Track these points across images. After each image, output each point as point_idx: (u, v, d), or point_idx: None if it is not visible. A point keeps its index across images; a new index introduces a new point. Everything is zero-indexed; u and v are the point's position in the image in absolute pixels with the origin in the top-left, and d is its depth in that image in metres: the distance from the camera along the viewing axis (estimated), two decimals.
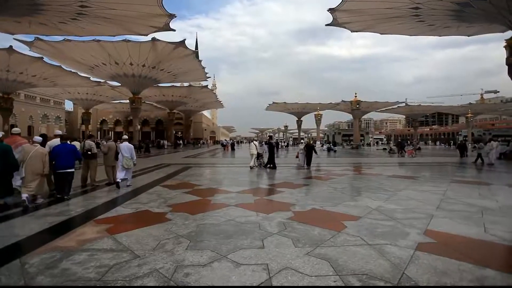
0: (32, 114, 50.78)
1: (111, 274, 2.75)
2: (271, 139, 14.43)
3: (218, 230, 4.08)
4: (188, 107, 53.64)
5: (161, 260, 3.07)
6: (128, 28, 23.55)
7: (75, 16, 20.50)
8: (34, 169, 5.65)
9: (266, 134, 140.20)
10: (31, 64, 29.73)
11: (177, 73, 34.47)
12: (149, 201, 5.90)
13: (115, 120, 64.74)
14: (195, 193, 6.86)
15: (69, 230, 4.08)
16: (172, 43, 27.27)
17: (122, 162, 7.59)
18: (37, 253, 3.27)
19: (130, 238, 3.73)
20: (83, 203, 5.83)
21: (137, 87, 33.58)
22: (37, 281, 2.62)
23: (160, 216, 4.79)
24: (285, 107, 60.62)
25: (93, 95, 43.87)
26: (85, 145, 7.56)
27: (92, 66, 30.61)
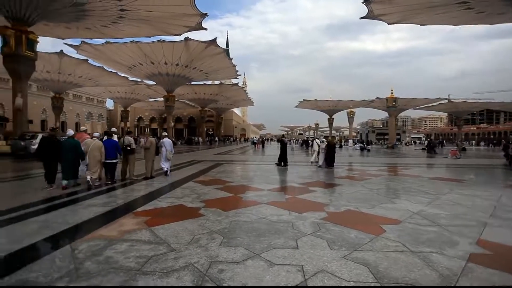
0: (78, 112, 55.30)
1: (149, 265, 2.85)
2: (283, 137, 14.47)
3: (250, 228, 4.07)
4: (219, 105, 54.75)
5: (195, 254, 3.12)
6: (163, 28, 24.53)
7: (115, 19, 21.78)
8: (95, 158, 7.10)
9: (297, 132, 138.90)
10: (78, 66, 32.35)
11: (208, 71, 35.29)
12: (183, 196, 6.08)
13: (150, 117, 68.15)
14: (227, 190, 6.94)
15: (111, 221, 4.32)
16: (204, 42, 27.95)
17: (166, 154, 8.92)
18: (84, 240, 3.51)
19: (167, 231, 3.86)
20: (123, 196, 6.17)
21: (171, 85, 35.00)
22: (85, 266, 2.80)
23: (194, 211, 4.91)
24: (316, 104, 59.38)
25: (131, 93, 46.55)
26: (124, 140, 8.01)
27: (130, 66, 32.44)
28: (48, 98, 40.01)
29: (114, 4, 19.22)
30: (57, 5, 17.67)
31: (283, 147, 13.11)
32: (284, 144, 13.26)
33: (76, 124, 54.12)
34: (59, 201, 5.64)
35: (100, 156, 7.13)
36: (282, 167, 12.31)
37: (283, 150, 12.97)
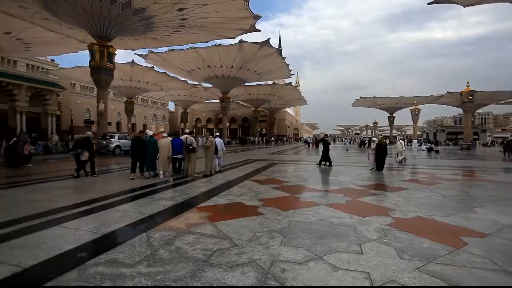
0: (145, 114, 61.61)
1: (214, 258, 3.01)
2: (326, 137, 14.13)
3: (310, 229, 3.99)
4: (272, 105, 55.15)
5: (257, 252, 3.19)
6: (219, 33, 25.69)
7: (177, 28, 23.60)
8: (165, 154, 8.62)
9: (353, 132, 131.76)
10: (146, 73, 36.04)
11: (262, 72, 35.83)
12: (241, 194, 6.28)
13: (207, 118, 72.22)
14: (283, 189, 6.95)
15: (178, 214, 4.70)
16: (257, 43, 28.45)
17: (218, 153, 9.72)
18: (157, 229, 3.89)
19: (228, 227, 4.03)
20: (186, 191, 6.65)
21: (226, 87, 36.55)
22: (159, 253, 3.10)
23: (253, 209, 5.02)
24: (375, 102, 55.46)
25: (189, 96, 50.01)
26: (187, 140, 8.65)
27: (190, 71, 34.85)
28: (121, 102, 45.56)
29: (176, 14, 20.87)
30: (131, 20, 19.97)
31: (325, 147, 12.96)
32: (327, 144, 13.08)
33: (143, 125, 60.43)
34: (134, 193, 6.37)
35: (168, 152, 8.56)
36: (327, 167, 12.20)
37: (326, 150, 12.82)
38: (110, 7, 17.77)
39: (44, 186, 7.29)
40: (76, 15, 18.38)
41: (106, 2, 17.42)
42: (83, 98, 46.01)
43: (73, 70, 36.03)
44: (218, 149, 9.64)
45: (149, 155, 8.54)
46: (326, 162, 12.55)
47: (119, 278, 2.56)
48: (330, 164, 12.41)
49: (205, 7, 19.59)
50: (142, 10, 18.83)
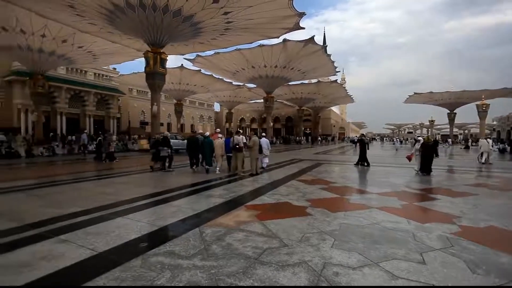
0: (193, 115, 65.07)
1: (265, 256, 3.03)
2: (363, 136, 13.81)
3: (363, 233, 3.79)
4: (317, 104, 53.82)
5: (308, 253, 3.12)
6: (262, 33, 25.86)
7: (223, 31, 24.37)
8: (218, 152, 9.60)
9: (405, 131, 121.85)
10: (193, 76, 38.01)
11: (306, 70, 35.18)
12: (288, 194, 6.24)
13: (251, 118, 73.41)
14: (331, 190, 6.72)
15: (227, 211, 4.84)
16: (301, 41, 27.99)
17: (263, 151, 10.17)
18: (208, 225, 4.05)
19: (277, 226, 4.02)
20: (234, 189, 6.83)
21: (270, 87, 36.70)
22: (212, 248, 3.22)
23: (301, 210, 4.95)
24: (431, 98, 50.53)
25: (234, 97, 51.37)
26: (234, 139, 8.90)
27: (234, 72, 35.78)
28: (171, 104, 48.85)
29: (222, 18, 21.61)
30: (181, 27, 21.26)
31: (362, 147, 12.67)
32: (364, 144, 12.73)
33: (191, 126, 63.88)
34: (185, 190, 6.76)
35: (221, 151, 9.56)
36: (366, 167, 11.96)
37: (363, 150, 12.56)
38: (162, 17, 19.14)
39: (127, 179, 8.44)
40: (134, 27, 20.19)
41: (159, 13, 18.80)
42: (139, 102, 50.39)
43: (130, 76, 39.75)
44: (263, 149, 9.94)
45: (206, 153, 9.77)
46: (364, 163, 12.35)
47: (177, 269, 2.73)
48: (368, 165, 12.18)
49: (249, 8, 19.91)
50: (190, 16, 19.90)
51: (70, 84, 35.72)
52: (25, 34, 22.49)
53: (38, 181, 8.23)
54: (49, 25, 21.71)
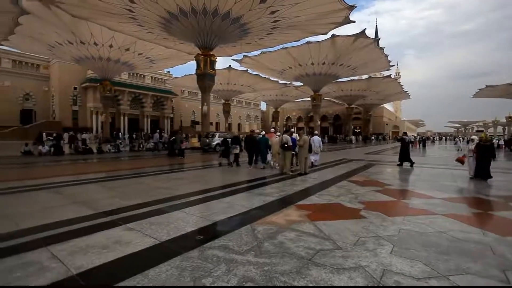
0: (240, 114, 66.76)
1: (318, 258, 2.96)
2: (405, 135, 12.93)
3: (427, 241, 3.45)
4: (368, 101, 50.82)
5: (364, 258, 2.96)
6: (310, 30, 25.25)
7: (269, 31, 24.44)
8: (275, 150, 9.88)
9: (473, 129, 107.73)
10: (240, 76, 38.94)
11: (356, 66, 33.42)
12: (339, 195, 6.00)
13: (297, 116, 72.56)
14: (387, 193, 6.27)
15: (277, 210, 4.85)
16: (351, 35, 26.63)
17: (314, 149, 10.56)
18: (259, 223, 4.11)
19: (329, 227, 3.89)
20: (283, 188, 6.81)
21: (317, 84, 35.75)
22: (265, 246, 3.26)
23: (354, 212, 4.72)
24: (509, 91, 43.64)
25: (281, 95, 51.26)
26: (282, 138, 8.86)
27: (281, 71, 35.64)
28: (219, 104, 50.81)
29: (269, 17, 21.69)
30: (229, 29, 21.95)
31: (403, 146, 12.16)
32: (405, 143, 12.19)
33: (238, 125, 65.60)
34: (235, 187, 6.95)
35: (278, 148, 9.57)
36: (410, 167, 11.43)
37: (404, 150, 12.07)
38: (212, 20, 19.98)
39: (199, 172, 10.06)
40: (186, 32, 21.47)
41: (209, 17, 19.66)
42: (190, 102, 53.52)
43: (182, 78, 42.41)
44: (312, 148, 9.97)
45: (262, 151, 10.48)
46: (407, 162, 11.85)
47: (231, 263, 2.82)
48: (411, 165, 11.69)
49: (296, 6, 19.63)
50: (238, 18, 20.40)
51: (131, 88, 39.58)
52: (97, 46, 25.59)
53: (109, 174, 9.30)
54: (115, 37, 24.35)
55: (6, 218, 4.25)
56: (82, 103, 37.63)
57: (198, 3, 18.36)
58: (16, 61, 35.37)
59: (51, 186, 6.90)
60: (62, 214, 4.45)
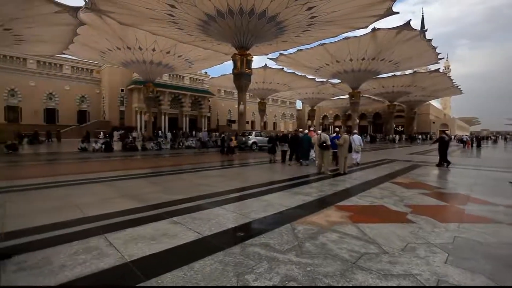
0: (275, 113, 66.62)
1: (363, 262, 2.83)
2: (444, 134, 12.24)
3: (489, 253, 3.12)
4: (412, 98, 47.44)
5: (415, 265, 2.77)
6: (348, 25, 24.24)
7: (306, 28, 23.96)
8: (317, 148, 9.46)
9: None
10: (276, 74, 38.80)
11: (399, 61, 31.38)
12: (382, 197, 5.68)
13: (334, 115, 70.39)
14: (437, 197, 5.79)
15: (317, 210, 4.75)
16: (394, 28, 25.03)
17: (355, 147, 10.86)
18: (299, 222, 4.06)
19: (373, 231, 3.71)
20: (322, 188, 6.65)
21: (356, 81, 34.30)
22: (306, 246, 3.21)
23: (400, 215, 4.44)
24: None
25: (317, 93, 50.08)
26: (321, 137, 8.64)
27: (317, 68, 34.79)
28: (255, 103, 51.21)
29: (305, 14, 21.26)
30: (265, 28, 21.98)
31: (442, 146, 11.52)
32: (444, 142, 11.53)
33: (273, 124, 65.55)
34: (274, 186, 6.95)
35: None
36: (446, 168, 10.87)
37: (442, 149, 11.46)
38: (248, 20, 20.17)
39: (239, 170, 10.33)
40: (223, 33, 21.96)
41: (246, 16, 19.87)
42: (226, 101, 54.75)
43: (219, 78, 43.48)
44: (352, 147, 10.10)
45: (304, 148, 10.88)
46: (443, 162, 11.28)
47: (273, 261, 2.82)
48: (447, 165, 11.16)
49: (334, 0, 19.01)
50: (274, 16, 20.33)
51: (171, 89, 41.63)
52: (141, 50, 27.37)
53: (153, 170, 9.91)
54: (158, 41, 25.80)
55: (73, 207, 4.75)
56: (128, 104, 40.54)
57: (234, 4, 18.67)
58: (74, 67, 39.32)
59: (105, 179, 7.55)
60: (115, 206, 4.85)
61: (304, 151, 11.02)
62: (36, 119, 35.13)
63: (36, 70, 35.94)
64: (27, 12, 17.97)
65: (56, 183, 6.91)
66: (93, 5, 17.87)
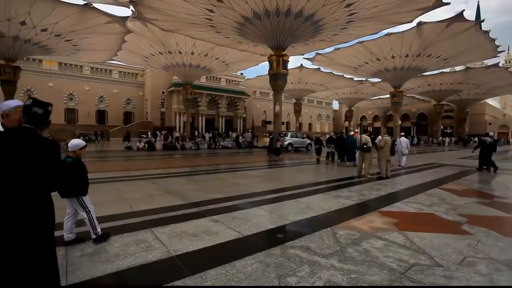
0: (311, 114, 65.46)
1: (413, 273, 2.64)
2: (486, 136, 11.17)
3: None
4: (463, 96, 43.26)
5: (476, 283, 2.50)
6: (390, 20, 22.87)
7: (344, 25, 23.13)
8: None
9: None
10: (312, 74, 38.09)
11: (448, 56, 28.86)
12: (431, 204, 5.25)
13: (373, 115, 66.99)
14: (498, 207, 5.18)
15: (358, 215, 4.54)
16: (443, 21, 23.05)
17: (402, 150, 11.14)
18: (340, 227, 3.91)
19: (423, 240, 3.44)
20: (362, 192, 6.35)
21: (398, 80, 32.32)
22: (348, 251, 3.08)
23: (453, 225, 4.06)
24: None
25: (355, 93, 48.08)
26: (361, 139, 8.27)
27: (356, 67, 33.40)
28: (290, 104, 50.78)
29: (344, 11, 20.53)
30: (302, 28, 21.69)
31: (484, 149, 10.75)
32: (486, 145, 10.74)
33: (309, 124, 64.43)
34: (313, 188, 6.81)
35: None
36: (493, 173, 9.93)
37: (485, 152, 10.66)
38: (285, 20, 20.07)
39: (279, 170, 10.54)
40: (259, 34, 22.12)
41: (282, 17, 19.80)
42: (261, 102, 55.10)
43: (255, 79, 43.86)
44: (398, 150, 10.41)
45: (350, 150, 10.99)
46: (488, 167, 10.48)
47: (315, 265, 2.76)
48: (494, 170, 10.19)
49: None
50: (311, 16, 19.96)
51: (208, 90, 43.03)
52: (181, 54, 28.72)
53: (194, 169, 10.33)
54: (196, 44, 26.86)
55: (123, 201, 5.14)
56: (168, 105, 42.76)
57: (271, 5, 18.70)
58: (121, 72, 42.60)
59: (148, 177, 8.05)
60: (159, 202, 5.13)
61: (350, 152, 11.14)
62: (90, 120, 38.72)
63: (90, 76, 39.69)
64: (83, 24, 19.92)
65: (107, 179, 7.52)
66: (139, 14, 19.15)
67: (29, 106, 1.79)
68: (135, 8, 18.51)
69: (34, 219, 1.66)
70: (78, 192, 3.24)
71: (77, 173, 3.29)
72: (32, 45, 21.41)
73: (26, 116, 1.78)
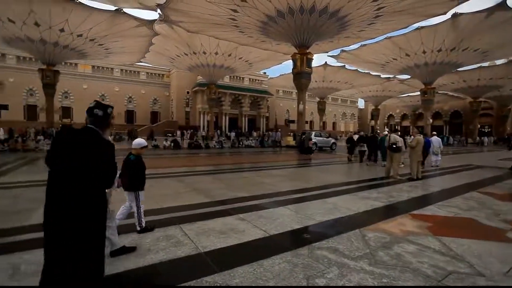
0: (335, 113, 63.97)
1: (451, 281, 2.49)
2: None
3: None
4: (504, 92, 40.04)
5: None
6: (422, 13, 21.65)
7: (371, 21, 22.28)
8: None
9: None
10: (337, 72, 37.18)
11: (487, 50, 26.84)
12: (469, 208, 4.92)
13: (401, 114, 64.12)
14: None
15: (388, 217, 4.36)
16: (482, 11, 21.44)
17: (433, 150, 11.06)
18: (369, 229, 3.78)
19: (462, 247, 3.23)
20: (391, 194, 6.08)
21: (429, 76, 30.63)
22: (379, 255, 2.97)
23: (496, 232, 3.77)
24: None
25: (382, 91, 46.26)
26: (390, 138, 7.94)
27: (384, 64, 32.09)
28: (313, 102, 49.99)
29: (371, 6, 19.78)
30: (326, 25, 21.22)
31: None
32: None
33: (333, 123, 63.03)
34: (340, 188, 6.65)
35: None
36: None
37: None
38: (309, 18, 19.74)
39: (306, 170, 10.71)
40: (283, 32, 21.96)
41: (306, 14, 19.49)
42: (284, 101, 54.74)
43: (278, 78, 43.65)
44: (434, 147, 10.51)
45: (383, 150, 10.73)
46: None
47: (344, 267, 2.69)
48: None
49: None
50: (337, 12, 19.47)
51: (232, 90, 43.48)
52: (205, 54, 29.26)
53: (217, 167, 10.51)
54: (220, 45, 27.22)
55: (151, 198, 5.33)
56: (193, 105, 43.80)
57: (295, 2, 18.47)
58: (149, 73, 44.31)
59: (175, 174, 8.30)
60: (187, 199, 5.27)
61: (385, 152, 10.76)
62: (120, 120, 40.68)
63: (120, 78, 41.70)
64: (114, 29, 20.94)
65: None
66: (166, 17, 19.77)
67: (91, 108, 1.93)
68: (162, 11, 19.14)
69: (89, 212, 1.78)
70: (137, 187, 3.48)
71: (139, 169, 3.53)
72: (70, 50, 22.89)
73: (90, 117, 1.91)
